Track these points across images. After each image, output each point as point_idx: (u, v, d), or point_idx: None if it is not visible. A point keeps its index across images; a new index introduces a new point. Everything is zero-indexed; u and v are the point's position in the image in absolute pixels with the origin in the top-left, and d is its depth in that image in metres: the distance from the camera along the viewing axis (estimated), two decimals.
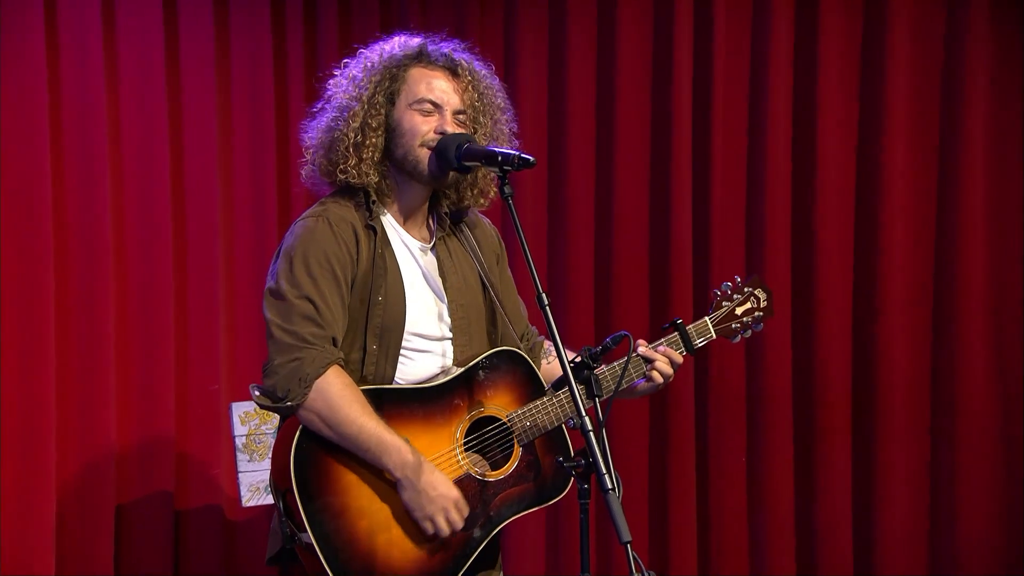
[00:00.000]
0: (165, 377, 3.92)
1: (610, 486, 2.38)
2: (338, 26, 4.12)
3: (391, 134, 2.76)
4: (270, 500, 2.78)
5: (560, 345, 2.52)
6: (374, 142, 2.74)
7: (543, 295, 2.54)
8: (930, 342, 4.43)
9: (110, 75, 3.89)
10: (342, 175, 2.74)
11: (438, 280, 2.82)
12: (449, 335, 2.81)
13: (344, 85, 2.78)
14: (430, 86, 2.76)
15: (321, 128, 2.79)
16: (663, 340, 2.88)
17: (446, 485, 2.67)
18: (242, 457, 3.33)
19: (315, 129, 2.81)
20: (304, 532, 2.62)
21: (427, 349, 2.79)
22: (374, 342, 2.74)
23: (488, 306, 2.89)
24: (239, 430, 3.28)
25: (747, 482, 4.38)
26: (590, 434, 2.44)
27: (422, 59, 2.79)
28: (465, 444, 2.75)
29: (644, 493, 4.34)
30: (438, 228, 2.85)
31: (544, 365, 2.96)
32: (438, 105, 2.76)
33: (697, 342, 2.91)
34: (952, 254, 4.42)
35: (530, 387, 2.82)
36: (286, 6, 4.09)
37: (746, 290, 2.98)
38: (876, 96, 4.40)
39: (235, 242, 4.04)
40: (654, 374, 2.85)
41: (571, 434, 2.80)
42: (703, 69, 4.34)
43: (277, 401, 2.66)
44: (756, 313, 2.98)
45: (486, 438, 2.77)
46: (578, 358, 2.59)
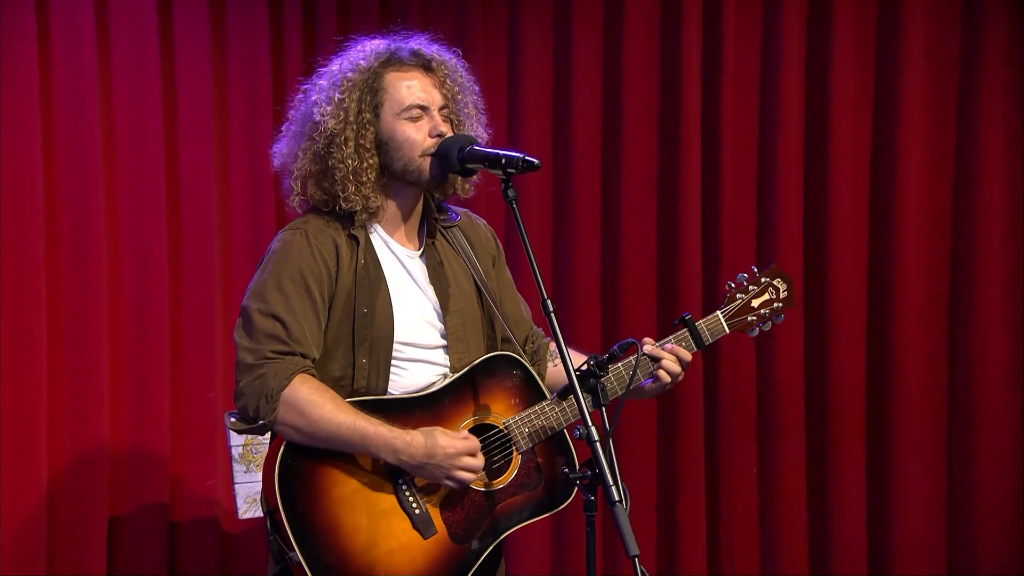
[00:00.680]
0: (159, 384, 3.92)
1: (617, 498, 2.37)
2: (337, 26, 4.11)
3: (383, 148, 2.75)
4: None
5: (566, 354, 2.51)
6: (371, 163, 2.73)
7: (548, 301, 2.53)
8: (946, 349, 4.42)
9: (103, 74, 3.89)
10: (345, 204, 2.72)
11: (430, 287, 2.81)
12: (444, 343, 2.80)
13: (321, 106, 2.73)
14: (411, 90, 2.75)
15: (305, 156, 2.75)
16: (671, 337, 2.83)
17: (444, 444, 2.64)
18: (239, 468, 3.31)
19: (293, 156, 2.77)
20: (293, 551, 2.62)
21: (421, 358, 2.78)
22: (363, 355, 2.72)
23: (485, 311, 2.88)
24: (235, 440, 3.27)
25: (758, 493, 4.38)
26: (596, 444, 2.43)
27: (393, 62, 2.76)
28: None
29: (652, 505, 4.33)
30: (428, 234, 2.85)
31: (550, 368, 2.97)
32: (425, 107, 2.75)
33: (708, 338, 2.85)
34: (970, 259, 4.41)
35: (528, 392, 2.80)
36: (284, 5, 4.10)
37: (763, 280, 2.89)
38: (891, 94, 4.37)
39: (232, 245, 4.04)
40: (661, 373, 2.81)
41: (577, 444, 2.79)
42: (712, 65, 4.32)
43: (251, 422, 2.67)
44: (775, 304, 2.88)
45: (484, 446, 2.74)
46: (584, 366, 2.58)
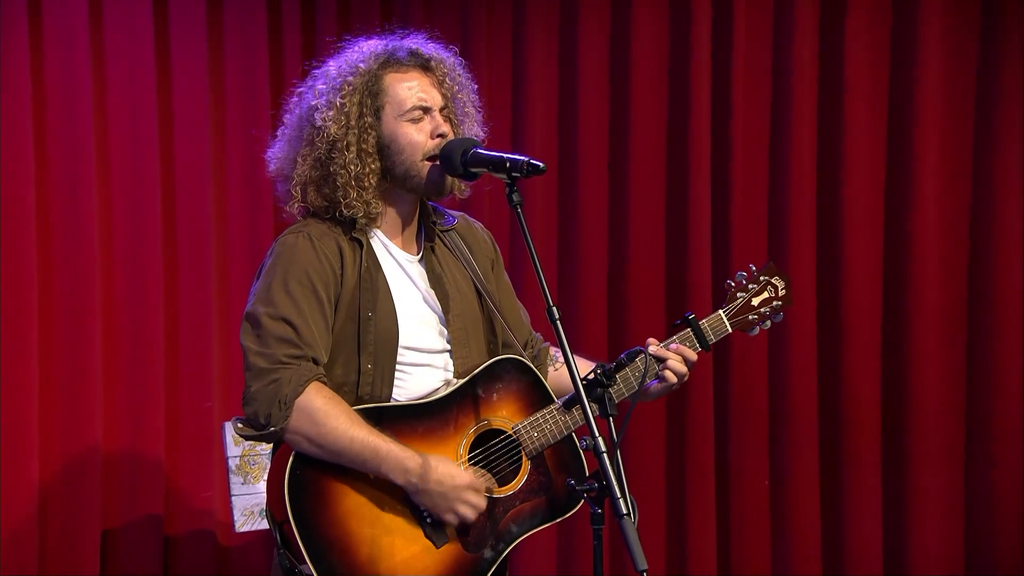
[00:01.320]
0: (154, 393, 3.93)
1: (625, 511, 2.36)
2: (337, 27, 4.11)
3: (386, 151, 2.75)
4: (265, 525, 2.78)
5: (573, 363, 2.51)
6: (373, 168, 2.73)
7: (553, 309, 2.53)
8: (964, 357, 4.41)
9: (97, 75, 3.90)
10: (347, 210, 2.72)
11: (430, 291, 2.81)
12: (447, 347, 2.80)
13: (322, 111, 2.73)
14: (412, 91, 2.75)
15: (305, 162, 2.75)
16: (675, 337, 2.85)
17: (454, 473, 2.66)
18: (235, 479, 3.32)
19: (292, 161, 2.77)
20: (304, 564, 2.61)
21: (425, 363, 2.78)
22: (368, 361, 2.72)
23: (486, 315, 2.89)
24: (232, 451, 3.28)
25: (770, 505, 4.38)
26: (604, 456, 2.42)
27: (391, 63, 2.77)
28: (470, 459, 2.75)
29: (661, 518, 4.34)
30: (426, 238, 2.85)
31: (551, 372, 2.97)
32: (426, 108, 2.76)
33: (712, 337, 2.88)
34: (988, 265, 4.39)
35: (536, 396, 2.81)
36: (283, 5, 4.09)
37: (762, 279, 2.93)
38: (907, 95, 4.37)
39: (229, 251, 4.05)
40: (667, 373, 2.81)
41: (584, 455, 2.79)
42: (722, 65, 4.33)
43: (260, 429, 2.65)
44: (775, 303, 2.93)
45: (492, 452, 2.76)
46: (591, 375, 2.57)
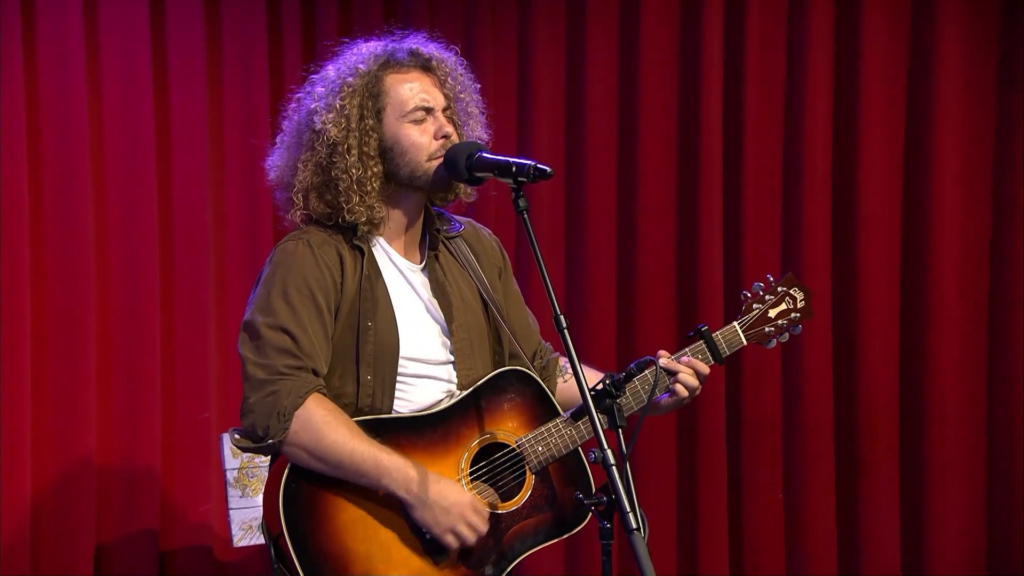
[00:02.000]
0: (150, 403, 3.93)
1: (635, 526, 2.36)
2: (338, 28, 4.12)
3: (388, 154, 2.76)
4: (263, 540, 2.78)
5: (580, 373, 2.50)
6: (375, 171, 2.74)
7: (561, 317, 2.52)
8: (985, 366, 4.41)
9: (92, 76, 3.90)
10: (349, 216, 2.73)
11: (433, 301, 2.82)
12: (451, 358, 2.81)
13: (321, 114, 2.74)
14: (414, 91, 2.77)
15: (306, 168, 2.75)
16: (687, 349, 2.84)
17: (457, 492, 2.67)
18: (233, 492, 3.32)
19: (292, 168, 2.78)
20: None
21: (428, 374, 2.79)
22: (368, 372, 2.73)
23: (492, 325, 2.89)
24: (230, 463, 3.28)
25: (785, 520, 4.37)
26: (612, 469, 2.42)
27: (392, 64, 2.78)
28: (472, 474, 2.75)
29: (672, 532, 4.33)
30: (430, 246, 2.86)
31: (560, 384, 2.97)
32: (429, 108, 2.77)
33: (725, 350, 2.87)
34: (1009, 272, 4.38)
35: (541, 409, 2.81)
36: (283, 6, 4.09)
37: (780, 290, 2.92)
38: (925, 95, 4.36)
39: (227, 258, 4.05)
40: (678, 387, 2.80)
41: (593, 467, 2.79)
42: (734, 66, 4.33)
43: (258, 441, 2.66)
44: (793, 315, 2.92)
45: (495, 466, 2.76)
46: (599, 386, 2.57)
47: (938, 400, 4.37)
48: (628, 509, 2.37)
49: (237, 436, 2.71)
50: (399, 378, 2.76)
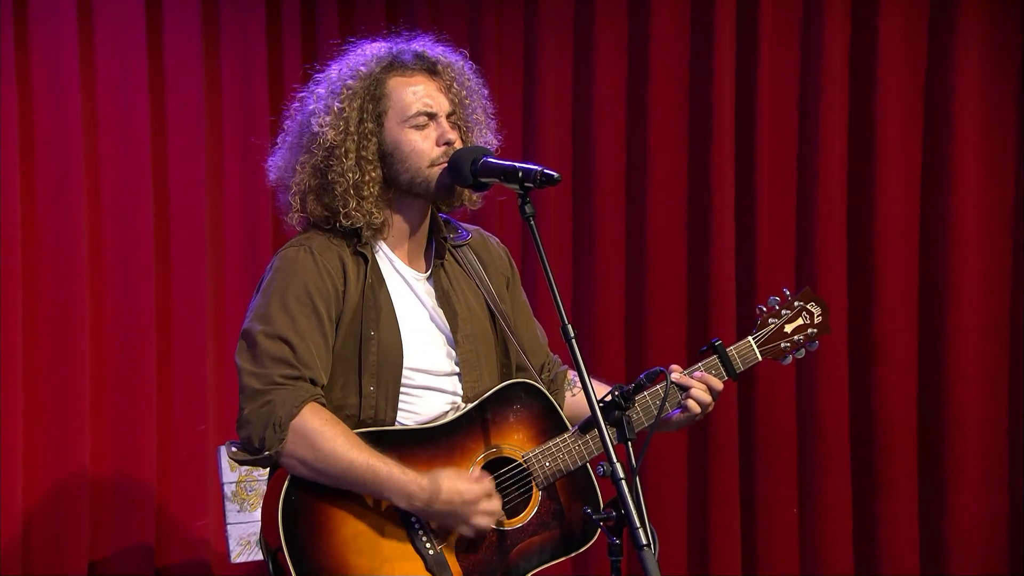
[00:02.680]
0: (146, 415, 3.94)
1: (644, 542, 2.36)
2: (339, 29, 4.12)
3: (388, 159, 2.76)
4: (262, 556, 2.78)
5: (589, 384, 2.50)
6: (373, 176, 2.74)
7: (568, 327, 2.52)
8: (1007, 378, 4.40)
9: (86, 80, 3.91)
10: (346, 220, 2.74)
11: (438, 310, 2.83)
12: (456, 369, 2.81)
13: (319, 116, 2.75)
14: (417, 96, 2.77)
15: (304, 170, 2.76)
16: (700, 365, 2.85)
17: (462, 490, 2.65)
18: (231, 507, 3.32)
19: (291, 169, 2.79)
20: None
21: (433, 386, 2.79)
22: (371, 382, 2.73)
23: (499, 336, 2.90)
24: (228, 476, 3.27)
25: (800, 537, 4.36)
26: (622, 483, 2.42)
27: (396, 66, 2.79)
28: None
29: (683, 548, 4.33)
30: (436, 255, 2.86)
31: (568, 397, 2.97)
32: (432, 114, 2.77)
33: (740, 365, 2.87)
34: None
35: (548, 423, 2.81)
36: (283, 6, 4.10)
37: (796, 304, 2.92)
38: (943, 97, 4.37)
39: (225, 265, 4.06)
40: (690, 403, 2.81)
41: (601, 482, 2.79)
42: (747, 68, 4.33)
43: (255, 453, 2.67)
44: (809, 330, 2.92)
45: (501, 481, 2.75)
46: (608, 397, 2.56)
47: (958, 413, 4.36)
48: (638, 524, 2.37)
49: (234, 449, 2.72)
50: (403, 389, 2.76)
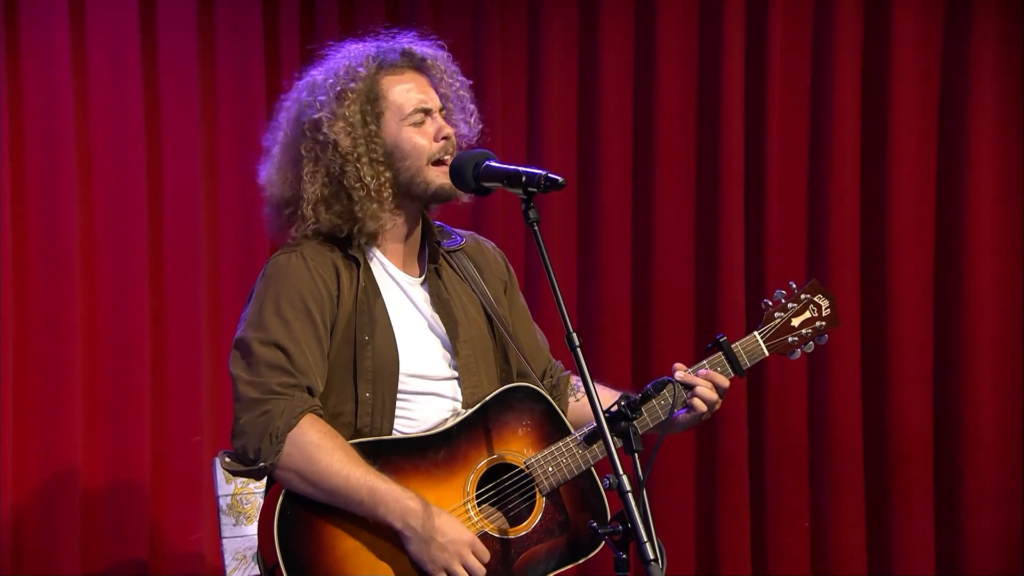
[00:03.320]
0: (139, 425, 3.94)
1: (652, 556, 2.35)
2: (339, 28, 4.12)
3: (389, 159, 2.78)
4: (259, 572, 2.78)
5: (594, 394, 2.50)
6: (387, 177, 2.76)
7: (573, 335, 2.52)
8: None
9: (78, 80, 3.92)
10: (371, 224, 2.73)
11: (435, 315, 2.83)
12: (455, 374, 2.81)
13: (330, 123, 2.75)
14: (411, 93, 2.79)
15: (315, 180, 2.76)
16: (704, 362, 2.85)
17: (457, 528, 2.66)
18: (227, 520, 3.31)
19: (296, 180, 2.78)
20: None
21: (430, 391, 2.79)
22: (367, 389, 2.73)
23: (498, 342, 2.90)
24: (224, 488, 3.27)
25: (811, 551, 4.36)
26: (629, 496, 2.41)
27: (385, 65, 2.81)
28: (479, 497, 2.74)
29: (691, 563, 4.32)
30: (430, 259, 2.87)
31: (572, 403, 2.97)
32: (427, 110, 2.79)
33: (746, 361, 2.87)
34: None
35: (550, 428, 2.81)
36: (280, 5, 4.10)
37: (803, 297, 2.92)
38: (959, 94, 4.37)
39: (221, 271, 4.06)
40: (696, 402, 2.80)
41: (607, 494, 2.78)
42: (757, 65, 4.33)
43: (249, 464, 2.66)
44: (818, 323, 2.92)
45: (503, 489, 2.75)
46: (614, 407, 2.56)
47: (975, 423, 4.35)
48: (645, 539, 2.37)
49: (228, 459, 2.71)
50: (400, 395, 2.76)
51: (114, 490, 3.91)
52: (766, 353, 2.89)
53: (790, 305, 2.92)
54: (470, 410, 2.78)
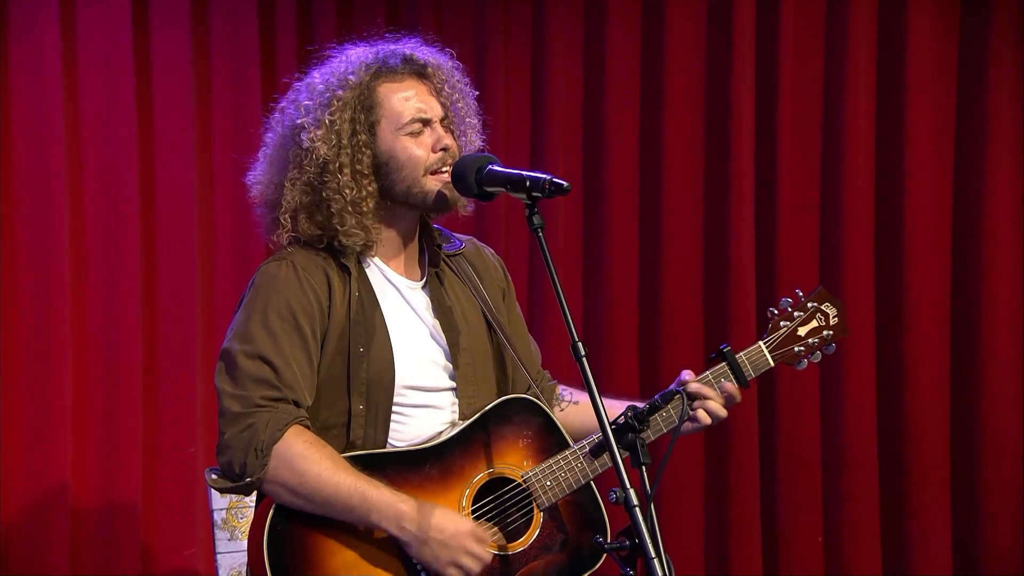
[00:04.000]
0: (131, 437, 3.94)
1: (661, 573, 2.35)
2: (337, 28, 4.12)
3: (383, 170, 2.77)
4: None
5: (600, 405, 2.49)
6: (370, 190, 2.75)
7: (579, 345, 2.51)
8: None
9: (69, 79, 3.93)
10: (345, 239, 2.74)
11: (434, 322, 2.82)
12: (452, 384, 2.81)
13: (309, 130, 2.74)
14: (409, 102, 2.78)
15: (294, 188, 2.76)
16: (708, 373, 2.84)
17: (454, 520, 2.65)
18: (221, 535, 3.31)
19: (278, 186, 2.78)
20: None
21: (427, 403, 2.78)
22: (360, 402, 2.73)
23: (496, 350, 2.90)
24: (218, 503, 3.27)
25: (825, 567, 4.35)
26: (635, 510, 2.41)
27: (384, 72, 2.79)
28: (475, 512, 2.74)
29: None
30: (430, 263, 2.86)
31: (556, 412, 2.95)
32: (426, 120, 2.78)
33: (751, 372, 2.87)
34: None
35: (548, 440, 2.80)
36: (277, 5, 4.10)
37: (810, 305, 2.92)
38: (976, 94, 4.38)
39: (215, 278, 4.06)
40: (700, 414, 2.80)
41: (612, 509, 2.77)
42: (768, 66, 4.34)
43: (236, 480, 2.66)
44: (825, 332, 2.92)
45: (500, 503, 2.75)
46: (620, 419, 2.56)
47: (993, 433, 4.37)
48: (653, 555, 2.36)
49: (214, 476, 2.70)
50: (395, 408, 2.76)
51: (105, 503, 3.91)
52: (771, 363, 2.89)
53: (796, 314, 2.92)
54: (467, 422, 2.77)
